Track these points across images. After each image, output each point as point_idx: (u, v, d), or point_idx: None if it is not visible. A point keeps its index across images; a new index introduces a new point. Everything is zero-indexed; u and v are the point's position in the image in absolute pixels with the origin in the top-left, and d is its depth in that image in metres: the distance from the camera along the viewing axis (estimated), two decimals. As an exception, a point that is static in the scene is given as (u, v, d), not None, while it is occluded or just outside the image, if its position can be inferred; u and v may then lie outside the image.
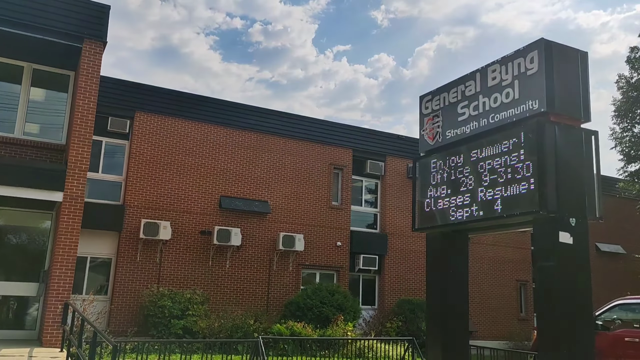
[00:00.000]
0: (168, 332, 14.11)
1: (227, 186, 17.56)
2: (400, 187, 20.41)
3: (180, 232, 16.57)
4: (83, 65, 12.40)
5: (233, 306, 16.56)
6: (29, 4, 12.13)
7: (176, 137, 17.06)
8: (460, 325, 7.17)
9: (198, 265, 16.63)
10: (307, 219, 18.55)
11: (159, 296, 14.68)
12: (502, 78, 6.46)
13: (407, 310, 17.96)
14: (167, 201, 16.59)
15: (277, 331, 14.32)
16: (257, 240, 17.65)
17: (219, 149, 17.64)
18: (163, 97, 17.17)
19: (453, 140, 7.25)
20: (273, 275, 17.66)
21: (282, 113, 19.46)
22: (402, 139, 21.05)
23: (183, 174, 16.94)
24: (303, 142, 18.99)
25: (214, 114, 17.78)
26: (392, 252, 19.80)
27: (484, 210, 6.60)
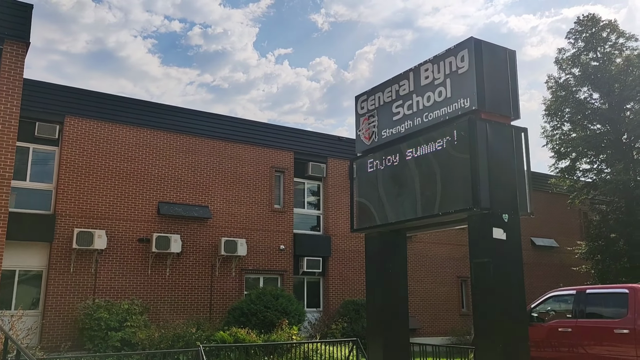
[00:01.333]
0: (105, 345, 13.51)
1: (165, 192, 17.05)
2: (343, 189, 20.47)
3: (117, 240, 15.94)
4: (4, 67, 11.71)
5: (174, 315, 16.09)
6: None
7: (110, 142, 16.41)
8: (400, 324, 7.19)
9: (136, 274, 16.05)
10: (249, 223, 18.29)
11: (94, 308, 14.05)
12: (435, 77, 6.54)
13: (351, 311, 18.02)
14: (102, 209, 15.93)
15: (220, 338, 13.99)
16: (198, 246, 17.23)
17: (157, 153, 17.11)
18: (95, 101, 16.48)
19: (389, 139, 7.28)
20: (215, 282, 17.28)
21: (221, 116, 19.12)
22: (344, 141, 21.14)
23: (118, 180, 16.31)
24: (244, 145, 18.72)
25: (150, 118, 17.23)
26: (336, 254, 19.83)
27: (421, 209, 6.66)
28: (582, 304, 10.27)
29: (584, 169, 22.27)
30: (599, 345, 9.67)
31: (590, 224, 22.82)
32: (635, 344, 9.11)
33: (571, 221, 25.52)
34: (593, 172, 22.08)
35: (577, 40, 21.98)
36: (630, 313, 9.40)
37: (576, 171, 22.26)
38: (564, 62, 22.20)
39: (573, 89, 21.93)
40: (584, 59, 21.77)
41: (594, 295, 10.39)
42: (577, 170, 22.26)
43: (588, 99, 22.00)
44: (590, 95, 22.05)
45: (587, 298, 10.33)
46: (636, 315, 9.31)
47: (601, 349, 9.64)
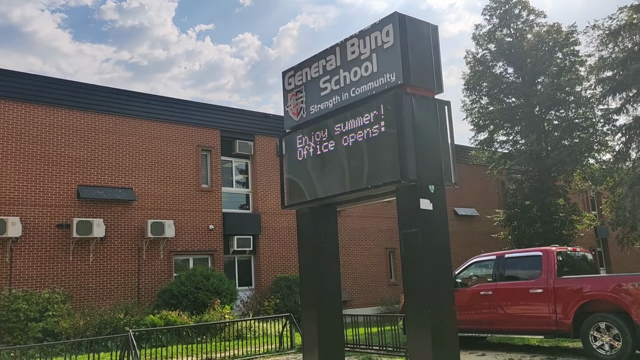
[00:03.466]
0: (26, 337, 12.86)
1: (85, 175, 16.27)
2: (271, 166, 20.39)
3: (33, 227, 15.09)
4: None
5: (100, 301, 15.55)
6: None
7: (22, 123, 15.39)
8: (333, 297, 7.33)
9: (57, 261, 15.31)
10: (176, 204, 17.87)
11: (11, 299, 13.31)
12: (361, 52, 6.58)
13: (283, 287, 18.16)
14: (14, 195, 14.98)
15: (151, 322, 13.71)
16: (123, 230, 16.65)
17: (74, 135, 16.23)
18: (4, 80, 15.33)
19: (317, 115, 7.29)
20: (143, 265, 16.82)
21: (143, 94, 18.41)
22: (271, 118, 20.98)
23: (31, 163, 15.36)
24: (167, 125, 18.14)
25: (66, 97, 16.28)
26: (265, 232, 19.81)
27: (350, 183, 6.74)
28: (501, 267, 10.91)
29: (501, 140, 23.45)
30: (517, 305, 10.34)
31: (507, 192, 24.17)
32: (548, 302, 9.81)
33: (490, 191, 26.88)
34: (509, 143, 23.28)
35: (492, 17, 22.87)
36: (544, 273, 10.10)
37: (494, 143, 23.39)
38: (481, 38, 23.07)
39: (490, 64, 22.88)
40: (499, 35, 22.71)
41: (512, 259, 11.05)
42: (494, 142, 23.39)
43: (503, 74, 23.05)
44: (505, 70, 23.12)
45: (506, 262, 10.98)
46: (548, 275, 10.01)
47: (519, 309, 10.31)
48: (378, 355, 11.10)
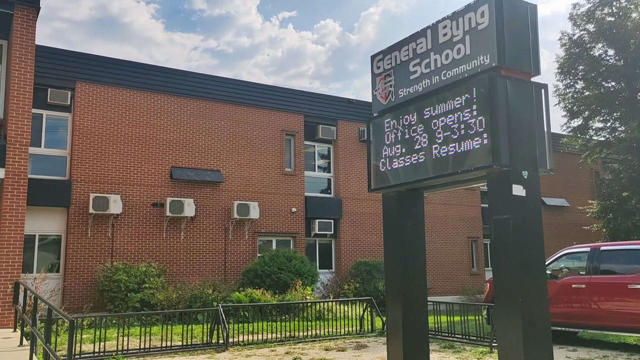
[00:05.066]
0: (125, 306, 13.88)
1: (177, 156, 17.16)
2: (353, 151, 20.50)
3: (132, 205, 16.16)
4: (16, 33, 11.67)
5: (190, 277, 16.43)
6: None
7: (122, 107, 16.45)
8: (418, 283, 7.30)
9: (152, 237, 16.33)
10: (261, 187, 18.43)
11: (113, 271, 14.37)
12: (453, 34, 6.44)
13: (364, 272, 18.30)
14: (116, 174, 16.09)
15: (237, 299, 14.32)
16: (211, 210, 17.44)
17: (168, 118, 17.15)
18: (105, 66, 16.45)
19: (406, 99, 7.23)
20: (229, 244, 17.55)
21: (232, 80, 19.07)
22: (353, 103, 21.04)
23: (131, 145, 16.42)
24: (254, 109, 18.70)
25: (161, 83, 17.21)
26: (347, 216, 19.99)
27: (439, 168, 6.66)
28: (596, 260, 10.37)
29: (597, 127, 22.05)
30: (613, 301, 9.80)
31: (602, 183, 22.75)
32: (649, 299, 9.23)
33: (582, 180, 25.47)
34: (606, 130, 21.86)
35: (592, -5, 21.42)
36: (645, 269, 9.49)
37: (589, 130, 22.04)
38: (578, 17, 21.69)
39: (587, 45, 21.49)
40: (599, 14, 21.25)
41: (608, 252, 10.47)
42: (589, 129, 22.04)
43: (603, 56, 21.57)
44: (605, 52, 21.61)
45: (601, 255, 10.42)
46: (650, 271, 9.40)
47: (615, 304, 9.77)
48: (461, 344, 10.97)
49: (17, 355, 8.37)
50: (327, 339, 11.89)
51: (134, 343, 10.54)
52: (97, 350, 9.84)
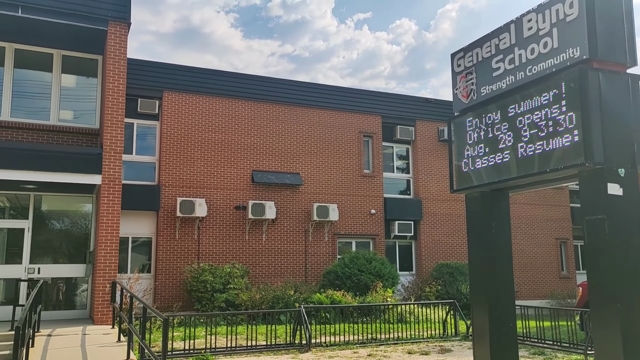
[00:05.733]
0: (212, 306, 14.42)
1: (258, 160, 17.62)
2: (432, 151, 20.16)
3: (216, 208, 16.77)
4: (110, 47, 12.47)
5: (272, 278, 16.81)
6: (52, -10, 12.20)
7: (205, 114, 17.14)
8: (505, 286, 7.06)
9: (235, 239, 16.86)
10: (339, 189, 18.54)
11: (200, 271, 14.97)
12: (539, 27, 6.18)
13: (445, 274, 17.92)
14: (201, 179, 16.77)
15: (318, 300, 14.48)
16: (291, 213, 17.75)
17: (248, 123, 17.66)
18: (189, 75, 17.21)
19: (489, 96, 7.02)
20: (309, 246, 17.78)
21: (308, 84, 19.33)
22: (431, 103, 20.69)
23: (214, 150, 17.06)
24: (331, 112, 18.86)
25: (241, 89, 17.76)
26: (427, 217, 19.67)
27: (525, 167, 6.41)
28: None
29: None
30: None
31: None
32: None
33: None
34: None
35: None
36: None
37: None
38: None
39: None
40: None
41: None
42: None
43: None
44: None
45: None
46: None
47: None
48: (552, 350, 10.47)
49: (116, 350, 8.93)
50: (410, 342, 11.75)
51: (221, 342, 10.94)
52: (187, 347, 10.30)
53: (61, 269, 13.10)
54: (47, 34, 12.79)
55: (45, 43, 13.19)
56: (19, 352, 5.66)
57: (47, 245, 13.21)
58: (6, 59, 13.04)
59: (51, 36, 12.92)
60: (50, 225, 13.46)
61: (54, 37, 12.96)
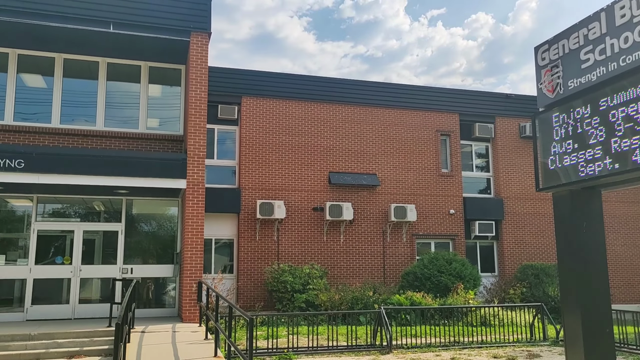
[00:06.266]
0: (292, 306, 14.67)
1: (335, 162, 17.74)
2: (514, 149, 19.44)
3: (294, 210, 17.05)
4: (192, 57, 13.03)
5: (350, 279, 16.85)
6: (138, 5, 12.92)
7: (282, 117, 17.49)
8: (599, 288, 6.69)
9: (313, 241, 17.06)
10: (417, 189, 18.30)
11: (280, 272, 15.28)
12: (633, 14, 5.81)
13: (530, 276, 17.21)
14: (279, 181, 17.12)
15: (397, 301, 14.36)
16: (368, 213, 17.72)
17: (324, 125, 17.83)
18: (265, 80, 17.63)
19: (577, 90, 6.68)
20: (387, 247, 17.68)
21: (383, 84, 19.24)
22: (512, 98, 19.96)
23: (291, 153, 17.36)
24: (407, 111, 18.66)
25: (316, 91, 17.97)
26: (509, 217, 18.99)
27: (619, 163, 6.05)
28: None
29: None
30: None
31: None
32: None
33: None
34: None
35: None
36: None
37: None
38: None
39: None
40: None
41: None
42: None
43: None
44: None
45: None
46: None
47: None
48: (651, 359, 9.80)
49: (204, 347, 9.30)
50: (495, 346, 11.39)
51: (302, 341, 11.11)
52: (270, 346, 10.55)
53: (151, 269, 13.83)
54: (135, 47, 13.56)
55: (133, 56, 13.99)
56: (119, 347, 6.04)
57: (137, 246, 13.98)
58: (100, 72, 13.96)
59: (138, 49, 13.69)
60: (139, 228, 14.24)
61: (141, 50, 13.71)
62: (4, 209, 13.50)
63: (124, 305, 7.61)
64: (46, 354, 9.74)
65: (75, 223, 13.59)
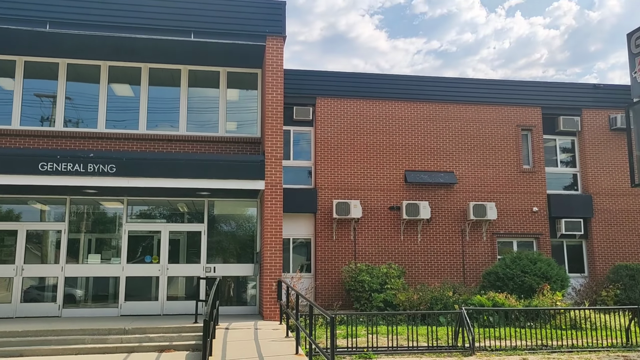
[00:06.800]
0: (370, 306, 14.63)
1: (410, 160, 17.52)
2: (603, 142, 18.35)
3: (370, 209, 17.00)
4: (267, 61, 13.32)
5: (428, 279, 16.57)
6: (216, 13, 13.39)
7: (356, 117, 17.48)
8: None
9: (390, 240, 16.93)
10: (497, 186, 17.69)
11: (357, 272, 15.28)
12: None
13: (625, 277, 16.16)
14: (355, 180, 17.13)
15: (478, 302, 13.94)
16: (446, 212, 17.35)
17: (399, 123, 17.65)
18: (338, 80, 17.70)
19: (677, 76, 6.21)
20: (466, 246, 17.22)
21: (459, 79, 18.77)
22: (600, 88, 18.85)
23: (366, 152, 17.31)
24: (485, 106, 18.09)
25: (389, 90, 17.83)
26: (599, 214, 17.93)
27: None
28: None
29: None
30: None
31: None
32: None
33: None
34: None
35: None
36: None
37: None
38: None
39: None
40: None
41: None
42: None
43: None
44: None
45: None
46: None
47: None
48: None
49: (286, 345, 9.48)
50: (586, 351, 10.80)
51: (381, 341, 11.06)
52: (350, 345, 10.58)
53: (233, 268, 14.28)
54: (214, 54, 14.06)
55: (212, 62, 14.52)
56: (206, 342, 6.27)
57: (218, 246, 14.48)
58: (182, 79, 14.60)
59: (217, 56, 14.18)
60: (220, 228, 14.75)
61: (220, 56, 14.20)
62: (98, 211, 14.41)
63: (210, 303, 7.90)
64: (140, 347, 10.30)
65: (161, 224, 14.29)
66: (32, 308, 13.33)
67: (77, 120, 14.48)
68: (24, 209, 14.17)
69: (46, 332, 10.67)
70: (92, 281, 13.95)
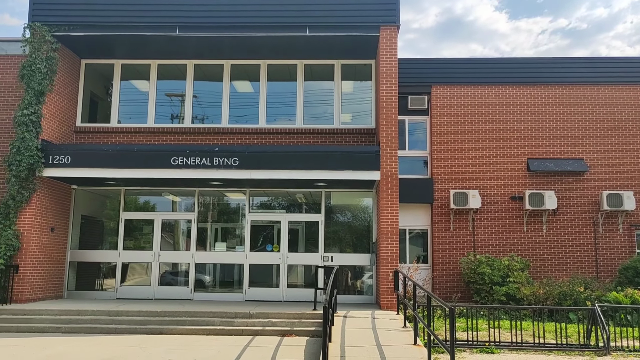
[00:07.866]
0: (491, 299, 14.09)
1: (533, 148, 16.54)
2: None
3: (489, 199, 16.33)
4: (381, 51, 13.28)
5: (555, 272, 15.59)
6: (330, 7, 13.58)
7: (473, 104, 16.84)
8: None
9: (512, 231, 16.15)
10: (635, 174, 16.14)
11: (476, 263, 14.77)
12: None
13: None
14: (472, 170, 16.53)
15: (614, 299, 12.87)
16: (575, 202, 16.17)
17: (521, 109, 16.71)
18: (455, 67, 17.13)
19: None
20: (599, 239, 15.93)
21: (590, 58, 17.33)
22: None
23: (485, 140, 16.62)
24: (621, 87, 16.54)
25: (510, 74, 16.92)
26: None
27: None
28: None
29: None
30: None
31: None
32: None
33: None
34: None
35: None
36: None
37: None
38: None
39: None
40: None
41: None
42: None
43: None
44: None
45: None
46: None
47: None
48: None
49: (403, 335, 9.45)
50: None
51: (503, 336, 10.63)
52: (470, 339, 10.29)
53: (349, 258, 14.50)
54: (328, 47, 14.30)
55: (326, 55, 14.78)
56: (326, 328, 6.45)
57: (334, 235, 14.77)
58: (298, 74, 15.03)
59: (331, 48, 14.41)
60: (336, 218, 15.01)
61: (334, 49, 14.40)
62: (222, 202, 15.35)
63: (328, 290, 8.09)
64: (263, 330, 10.85)
65: (281, 214, 14.87)
66: (168, 291, 14.55)
67: (203, 117, 15.49)
68: (159, 200, 15.48)
69: (181, 313, 11.60)
70: (219, 268, 14.90)
